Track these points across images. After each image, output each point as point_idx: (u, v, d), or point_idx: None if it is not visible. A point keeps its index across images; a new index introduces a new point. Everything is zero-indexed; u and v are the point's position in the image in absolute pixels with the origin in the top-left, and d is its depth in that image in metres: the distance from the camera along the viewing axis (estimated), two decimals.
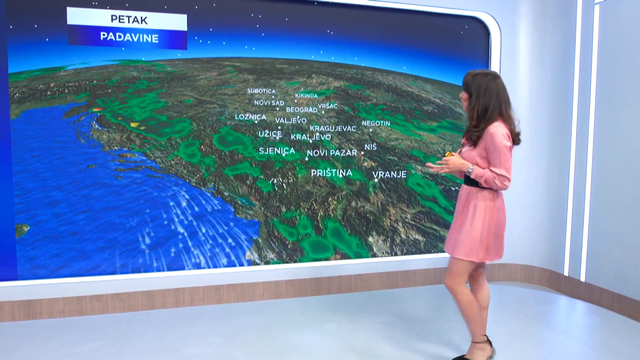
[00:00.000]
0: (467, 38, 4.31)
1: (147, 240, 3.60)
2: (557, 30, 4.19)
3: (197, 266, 3.72)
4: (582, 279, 3.94)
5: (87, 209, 3.48)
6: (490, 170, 2.43)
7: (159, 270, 3.63)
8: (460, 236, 2.52)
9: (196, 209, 3.69)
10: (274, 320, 3.35)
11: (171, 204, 3.65)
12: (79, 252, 3.48)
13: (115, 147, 3.54)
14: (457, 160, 2.51)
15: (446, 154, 2.57)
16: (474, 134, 2.48)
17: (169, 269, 3.66)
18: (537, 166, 4.36)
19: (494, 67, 4.35)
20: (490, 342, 2.66)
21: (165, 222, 3.64)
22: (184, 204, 3.67)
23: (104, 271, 3.53)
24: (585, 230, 3.92)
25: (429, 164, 2.64)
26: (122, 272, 3.56)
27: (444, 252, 4.32)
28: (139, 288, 3.55)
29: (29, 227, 3.39)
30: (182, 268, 3.68)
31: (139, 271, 3.59)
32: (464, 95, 2.54)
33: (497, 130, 2.40)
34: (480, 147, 2.46)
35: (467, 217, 2.52)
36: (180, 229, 3.67)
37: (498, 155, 2.39)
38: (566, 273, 4.10)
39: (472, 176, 2.47)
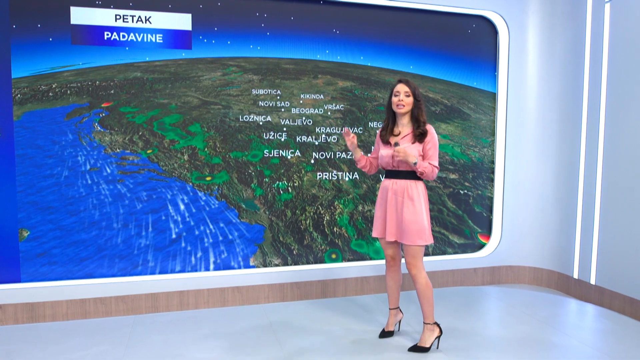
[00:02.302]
0: (475, 37, 4.26)
1: (151, 243, 3.57)
2: (567, 29, 4.13)
3: (202, 269, 3.68)
4: (592, 281, 3.88)
5: (89, 212, 3.45)
6: (429, 163, 2.78)
7: (163, 272, 3.60)
8: (412, 225, 2.76)
9: (200, 212, 3.65)
10: (279, 323, 3.32)
11: (174, 207, 3.61)
12: (82, 254, 3.45)
13: (118, 150, 3.51)
14: (408, 151, 2.73)
15: (396, 145, 2.78)
16: (421, 132, 2.80)
17: (173, 272, 3.62)
18: (546, 166, 4.30)
19: (502, 66, 4.30)
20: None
21: (169, 225, 3.60)
22: (187, 207, 3.63)
23: (108, 274, 3.50)
24: (595, 231, 3.86)
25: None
26: (125, 275, 3.53)
27: (449, 254, 4.28)
28: (143, 291, 3.52)
29: (31, 230, 3.36)
30: (186, 271, 3.65)
31: (142, 274, 3.56)
32: (409, 91, 2.79)
33: (434, 130, 2.86)
34: (420, 143, 2.79)
35: (412, 206, 2.78)
36: (184, 232, 3.63)
37: (435, 151, 2.81)
38: (576, 276, 4.05)
39: (416, 167, 2.74)
